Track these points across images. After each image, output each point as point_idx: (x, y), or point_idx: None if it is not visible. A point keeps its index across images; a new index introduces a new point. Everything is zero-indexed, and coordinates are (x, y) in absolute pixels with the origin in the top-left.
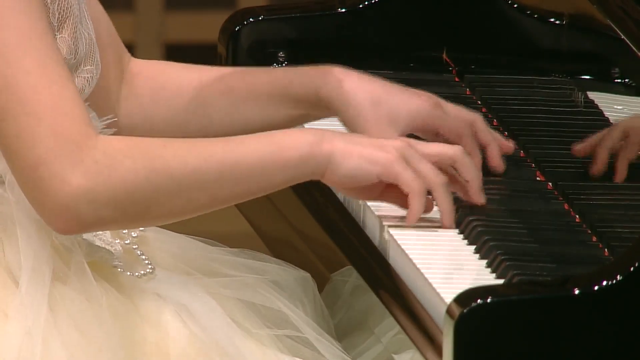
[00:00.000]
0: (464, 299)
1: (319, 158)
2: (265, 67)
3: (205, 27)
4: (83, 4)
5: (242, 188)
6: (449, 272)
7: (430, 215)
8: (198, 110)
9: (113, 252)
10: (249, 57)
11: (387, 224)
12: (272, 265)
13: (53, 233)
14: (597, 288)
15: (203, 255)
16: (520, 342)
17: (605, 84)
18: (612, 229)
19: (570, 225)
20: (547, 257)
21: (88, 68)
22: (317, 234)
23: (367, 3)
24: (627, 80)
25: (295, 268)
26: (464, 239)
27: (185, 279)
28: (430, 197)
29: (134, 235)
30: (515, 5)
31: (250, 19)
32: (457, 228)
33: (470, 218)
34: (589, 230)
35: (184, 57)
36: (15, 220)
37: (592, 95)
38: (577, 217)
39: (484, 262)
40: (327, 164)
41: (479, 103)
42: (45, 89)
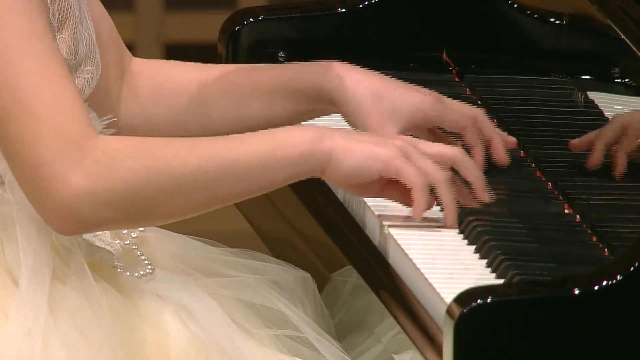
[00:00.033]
0: (464, 299)
1: (320, 155)
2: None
3: (205, 27)
4: (83, 4)
5: (242, 187)
6: (449, 272)
7: (431, 215)
8: (198, 110)
9: (113, 252)
10: (249, 57)
11: (387, 224)
12: (272, 266)
13: (53, 233)
14: (597, 288)
15: (203, 256)
16: (520, 342)
17: (605, 84)
18: (612, 229)
19: (570, 225)
20: (547, 257)
21: (88, 69)
22: (317, 234)
23: (367, 3)
24: (627, 80)
25: (295, 268)
26: (464, 239)
27: (185, 279)
28: (431, 195)
29: (134, 236)
30: (515, 5)
31: (250, 19)
32: (457, 228)
33: (470, 218)
34: (589, 230)
35: (184, 57)
36: (15, 220)
37: (592, 95)
38: (577, 217)
39: (484, 262)
40: (327, 161)
41: (479, 103)
42: (46, 89)
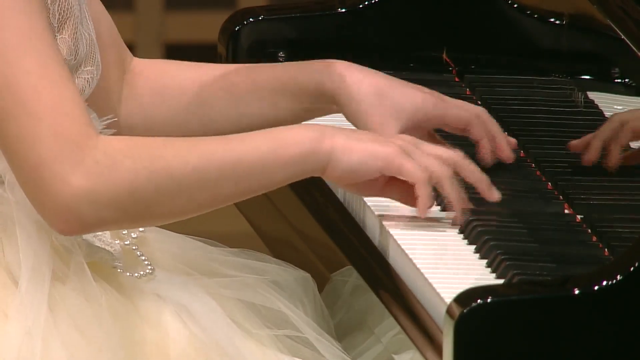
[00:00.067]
0: (464, 299)
1: (320, 154)
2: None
3: (205, 27)
4: (84, 5)
5: (243, 186)
6: (449, 272)
7: (431, 215)
8: (199, 110)
9: (113, 252)
10: (249, 57)
11: (387, 224)
12: (272, 266)
13: (53, 233)
14: (597, 288)
15: (203, 256)
16: (520, 342)
17: (605, 84)
18: (612, 229)
19: (570, 225)
20: (547, 257)
21: (88, 69)
22: (317, 234)
23: (367, 3)
24: (627, 80)
25: (295, 268)
26: (464, 239)
27: (185, 280)
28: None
29: (134, 236)
30: (515, 5)
31: (250, 19)
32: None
33: (470, 218)
34: (589, 230)
35: (184, 57)
36: (15, 220)
37: (592, 95)
38: (577, 217)
39: (484, 262)
40: (328, 160)
41: (479, 103)
42: (46, 89)
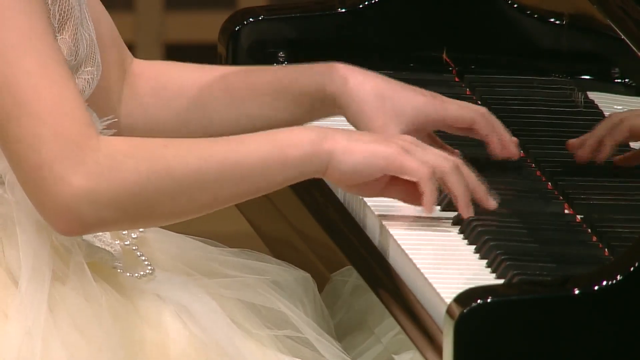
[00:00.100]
0: (464, 299)
1: (321, 156)
2: (268, 65)
3: (205, 27)
4: (84, 5)
5: (243, 188)
6: (449, 272)
7: (431, 215)
8: (199, 111)
9: (113, 253)
10: (249, 57)
11: (387, 224)
12: (272, 266)
13: (53, 233)
14: (597, 288)
15: (203, 256)
16: (520, 342)
17: (605, 84)
18: (612, 229)
19: (570, 225)
20: (547, 257)
21: (89, 69)
22: (317, 234)
23: (367, 3)
24: (627, 80)
25: (295, 268)
26: (464, 239)
27: (185, 280)
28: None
29: (134, 237)
30: (515, 5)
31: (250, 19)
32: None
33: (470, 218)
34: (589, 230)
35: (184, 57)
36: (15, 221)
37: (592, 95)
38: (577, 217)
39: (484, 262)
40: (328, 162)
41: (479, 103)
42: (46, 90)
